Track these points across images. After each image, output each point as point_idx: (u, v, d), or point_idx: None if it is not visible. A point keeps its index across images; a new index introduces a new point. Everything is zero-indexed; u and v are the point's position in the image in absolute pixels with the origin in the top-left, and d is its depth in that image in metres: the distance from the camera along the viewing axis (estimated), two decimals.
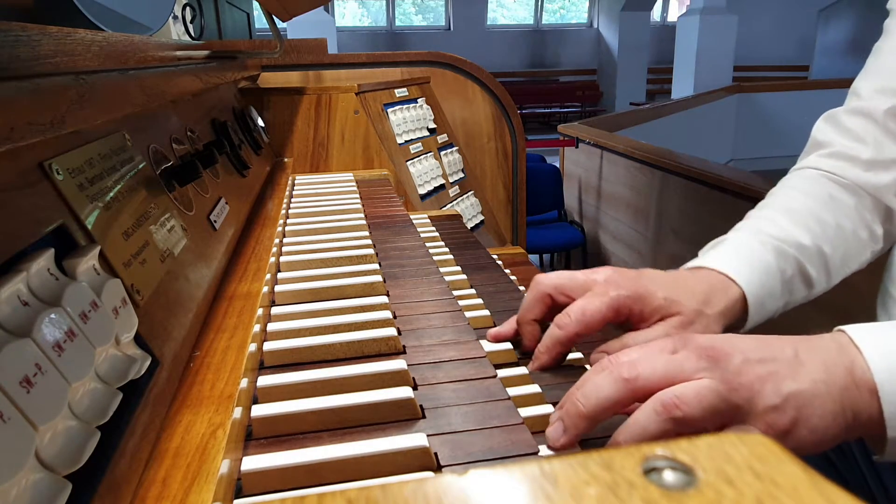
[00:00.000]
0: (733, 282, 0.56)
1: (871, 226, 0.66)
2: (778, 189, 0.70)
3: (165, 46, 0.72)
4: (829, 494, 0.19)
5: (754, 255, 0.59)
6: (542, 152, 4.20)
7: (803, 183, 0.69)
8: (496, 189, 1.85)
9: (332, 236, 0.81)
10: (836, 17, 9.90)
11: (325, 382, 0.46)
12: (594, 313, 0.49)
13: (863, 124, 0.67)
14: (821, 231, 0.63)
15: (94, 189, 0.43)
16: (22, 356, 0.27)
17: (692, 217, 2.69)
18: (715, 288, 0.55)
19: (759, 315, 0.58)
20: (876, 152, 0.65)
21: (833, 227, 0.64)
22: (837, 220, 0.64)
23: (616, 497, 0.19)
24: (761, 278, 0.58)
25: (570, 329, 0.49)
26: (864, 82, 0.68)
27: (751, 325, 0.58)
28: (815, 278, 0.63)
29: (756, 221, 0.64)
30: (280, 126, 1.36)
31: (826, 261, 0.63)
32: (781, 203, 0.66)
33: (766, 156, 6.66)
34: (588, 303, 0.50)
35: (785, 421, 0.37)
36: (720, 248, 0.61)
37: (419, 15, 12.07)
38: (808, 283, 0.63)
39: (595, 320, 0.50)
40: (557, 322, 0.50)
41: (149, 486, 0.34)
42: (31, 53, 0.36)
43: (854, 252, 0.65)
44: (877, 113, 0.65)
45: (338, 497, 0.20)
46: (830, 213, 0.64)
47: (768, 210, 0.66)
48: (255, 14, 4.17)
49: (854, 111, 0.68)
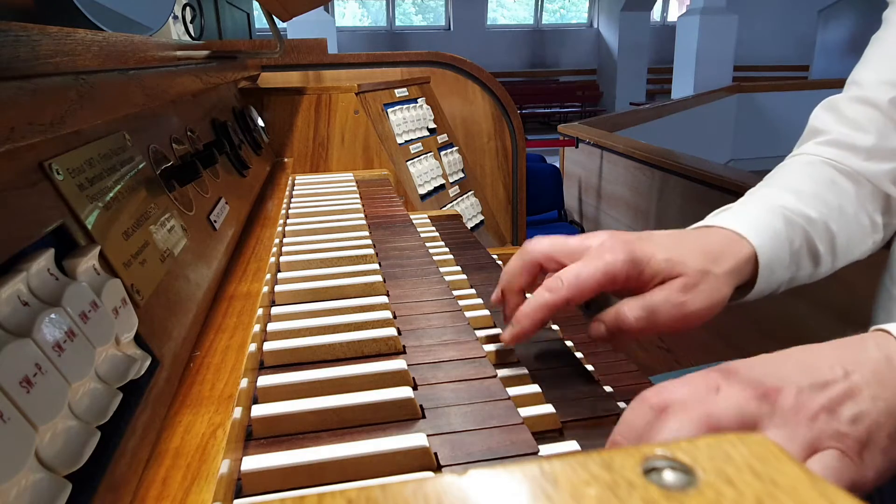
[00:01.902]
0: (745, 239, 0.52)
1: (872, 214, 0.65)
2: (778, 171, 0.68)
3: (165, 46, 0.72)
4: (829, 494, 0.19)
5: (764, 219, 0.56)
6: (542, 152, 4.19)
7: (804, 167, 0.67)
8: (496, 189, 1.85)
9: (332, 236, 0.81)
10: (836, 17, 9.91)
11: (325, 382, 0.46)
12: (588, 279, 0.46)
13: (866, 113, 0.65)
14: (826, 210, 0.61)
15: (94, 189, 0.43)
16: (22, 356, 0.27)
17: (692, 217, 2.67)
18: (723, 244, 0.51)
19: (767, 282, 0.55)
20: (878, 141, 0.64)
21: (837, 209, 0.61)
22: (841, 202, 0.62)
23: (616, 497, 0.19)
24: (772, 241, 0.54)
25: (561, 294, 0.46)
26: (865, 72, 0.67)
27: (757, 291, 0.55)
28: (822, 255, 0.60)
29: (761, 195, 0.62)
30: (280, 126, 1.36)
31: (833, 238, 0.60)
32: (784, 182, 0.64)
33: (766, 156, 6.65)
34: (583, 267, 0.47)
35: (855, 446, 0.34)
36: (728, 211, 0.58)
37: (419, 15, 12.07)
38: (815, 259, 0.60)
39: (588, 286, 0.46)
40: (547, 286, 0.47)
41: (149, 486, 0.34)
42: (31, 53, 0.36)
43: (857, 237, 0.63)
44: (881, 102, 0.64)
45: (338, 497, 0.20)
46: (833, 196, 0.62)
47: (771, 188, 0.63)
48: (255, 14, 4.17)
49: (856, 99, 0.66)
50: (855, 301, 1.65)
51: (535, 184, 3.24)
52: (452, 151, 1.62)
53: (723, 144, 6.77)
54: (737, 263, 0.51)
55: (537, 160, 3.91)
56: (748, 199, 0.62)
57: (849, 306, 1.71)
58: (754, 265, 0.53)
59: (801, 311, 1.89)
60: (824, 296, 1.81)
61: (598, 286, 0.47)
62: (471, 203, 1.60)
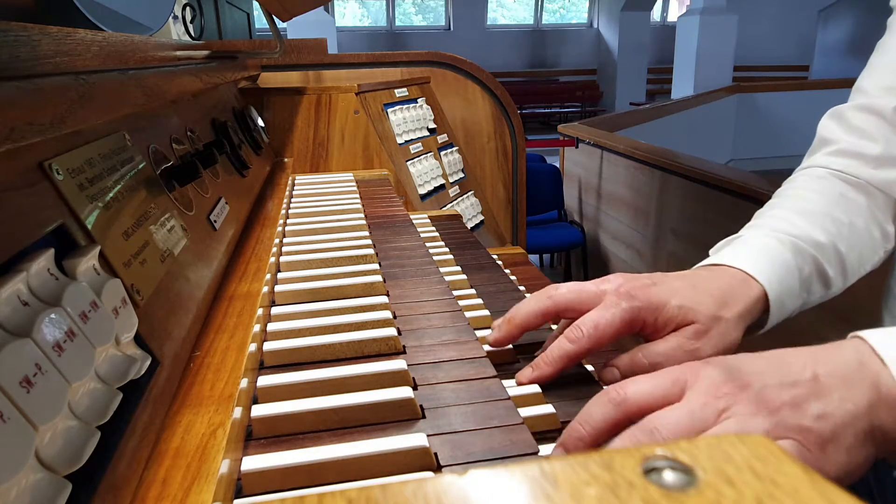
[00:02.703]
0: (753, 279, 0.53)
1: (883, 224, 0.65)
2: (787, 189, 0.68)
3: (165, 46, 0.72)
4: (829, 494, 0.19)
5: (772, 252, 0.56)
6: (542, 152, 4.20)
7: (813, 182, 0.67)
8: (496, 189, 1.85)
9: (332, 236, 0.81)
10: (836, 17, 9.91)
11: (325, 382, 0.46)
12: (607, 327, 0.47)
13: (871, 121, 0.65)
14: (836, 230, 0.61)
15: (94, 189, 0.43)
16: (22, 356, 0.27)
17: (692, 217, 2.69)
18: (733, 287, 0.52)
19: (779, 315, 0.55)
20: (885, 149, 0.64)
21: (847, 226, 0.62)
22: (851, 218, 0.62)
23: (616, 497, 0.19)
24: (780, 275, 0.55)
25: (583, 344, 0.47)
26: (869, 80, 0.67)
27: (770, 325, 0.56)
28: (832, 278, 0.60)
29: (769, 220, 0.62)
30: (280, 126, 1.36)
31: (843, 260, 0.61)
32: (793, 203, 0.64)
33: (766, 156, 6.66)
34: (600, 316, 0.48)
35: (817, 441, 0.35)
36: (736, 244, 0.59)
37: (419, 15, 12.07)
38: (826, 283, 0.61)
39: (608, 334, 0.47)
40: (569, 336, 0.48)
41: (149, 486, 0.34)
42: (31, 53, 0.36)
43: (868, 252, 0.64)
44: (885, 110, 0.64)
45: (338, 497, 0.20)
46: (843, 212, 0.63)
47: (780, 210, 0.64)
48: (255, 14, 4.17)
49: (861, 108, 0.66)
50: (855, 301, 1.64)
51: (535, 184, 3.25)
52: (452, 151, 1.62)
53: (723, 144, 6.77)
54: (746, 306, 0.52)
55: (537, 160, 3.91)
56: (757, 227, 0.62)
57: (849, 306, 1.70)
58: (765, 303, 0.54)
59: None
60: None
61: (617, 333, 0.48)
62: (471, 203, 1.60)
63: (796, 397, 0.36)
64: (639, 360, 0.49)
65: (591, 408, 0.39)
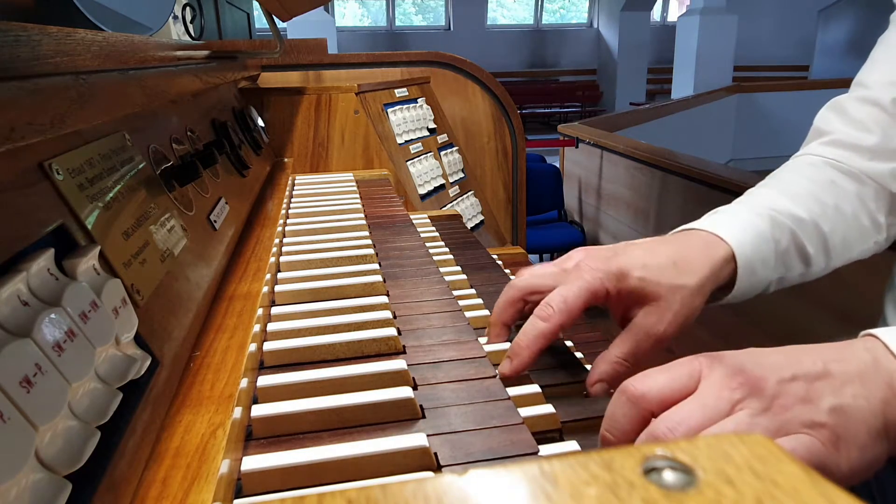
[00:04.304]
0: (722, 240, 0.54)
1: (875, 214, 0.65)
2: (777, 172, 0.69)
3: (165, 46, 0.72)
4: (829, 494, 0.19)
5: (747, 220, 0.57)
6: (542, 152, 4.20)
7: (804, 168, 0.67)
8: (496, 189, 1.85)
9: (332, 236, 0.81)
10: (836, 17, 9.91)
11: (325, 382, 0.46)
12: (575, 300, 0.48)
13: (870, 113, 0.65)
14: (819, 210, 0.61)
15: (94, 189, 0.43)
16: (22, 356, 0.27)
17: (692, 217, 2.67)
18: (699, 251, 0.53)
19: (749, 282, 0.56)
20: (882, 140, 0.64)
21: (832, 208, 0.62)
22: (837, 202, 0.63)
23: (616, 497, 0.19)
24: (754, 241, 0.55)
25: (555, 320, 0.47)
26: (870, 74, 0.67)
27: (740, 291, 0.56)
28: (812, 255, 0.61)
29: (751, 198, 0.63)
30: (280, 126, 1.36)
31: (825, 239, 0.61)
32: (778, 184, 0.65)
33: (766, 156, 6.65)
34: (567, 290, 0.48)
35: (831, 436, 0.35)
36: (716, 213, 0.60)
37: (419, 15, 12.07)
38: (806, 260, 0.61)
39: (577, 307, 0.48)
40: (539, 315, 0.48)
41: (149, 486, 0.34)
42: (31, 53, 0.36)
43: (855, 237, 0.64)
44: (885, 102, 0.64)
45: (338, 497, 0.20)
46: (830, 196, 0.63)
47: (765, 189, 0.65)
48: (255, 14, 4.17)
49: (861, 100, 0.67)
50: (856, 301, 1.65)
51: (535, 184, 3.25)
52: (452, 151, 1.62)
53: (723, 144, 6.77)
54: (712, 268, 0.53)
55: (537, 160, 3.91)
56: (739, 202, 0.63)
57: (849, 306, 1.71)
58: (733, 264, 0.54)
59: (801, 312, 1.89)
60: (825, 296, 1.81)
61: (585, 305, 0.49)
62: (471, 203, 1.60)
63: (810, 391, 0.36)
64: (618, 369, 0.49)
65: (613, 411, 0.38)
